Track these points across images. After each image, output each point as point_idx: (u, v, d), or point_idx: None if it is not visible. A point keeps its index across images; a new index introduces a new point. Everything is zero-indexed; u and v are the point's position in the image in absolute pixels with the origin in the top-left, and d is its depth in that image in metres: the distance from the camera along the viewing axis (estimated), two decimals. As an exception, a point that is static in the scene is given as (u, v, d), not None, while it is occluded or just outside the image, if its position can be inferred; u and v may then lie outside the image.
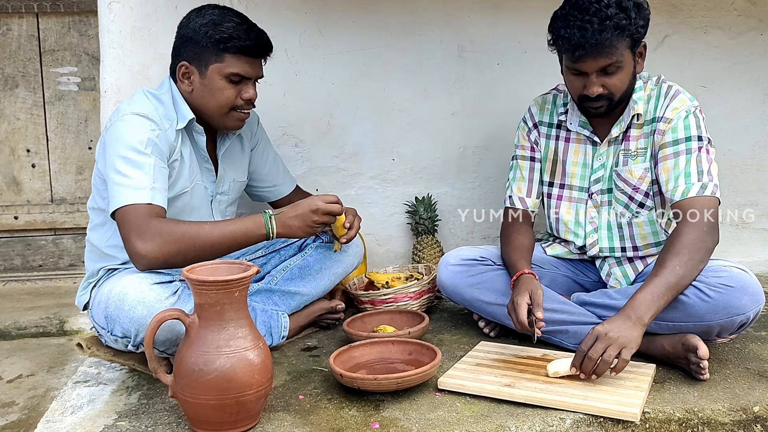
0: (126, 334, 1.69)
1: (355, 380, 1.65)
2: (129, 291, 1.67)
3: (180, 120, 1.87)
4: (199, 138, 1.93)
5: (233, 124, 1.94)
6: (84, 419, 1.62)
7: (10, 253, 3.55)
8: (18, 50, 3.42)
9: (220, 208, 2.06)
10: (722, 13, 2.80)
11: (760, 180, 2.96)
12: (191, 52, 1.86)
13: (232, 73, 1.85)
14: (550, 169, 2.13)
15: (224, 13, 1.86)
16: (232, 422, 1.49)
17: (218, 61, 1.84)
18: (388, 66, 2.63)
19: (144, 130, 1.77)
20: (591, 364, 1.64)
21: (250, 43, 1.85)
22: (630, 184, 2.00)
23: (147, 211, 1.70)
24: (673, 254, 1.75)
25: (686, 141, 1.90)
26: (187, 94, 1.90)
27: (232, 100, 1.88)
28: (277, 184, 2.26)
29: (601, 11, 1.78)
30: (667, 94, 1.95)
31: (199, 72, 1.86)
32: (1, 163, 3.48)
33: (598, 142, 2.03)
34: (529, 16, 2.64)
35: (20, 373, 2.44)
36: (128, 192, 1.71)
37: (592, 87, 1.86)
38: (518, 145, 2.19)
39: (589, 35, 1.77)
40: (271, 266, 2.21)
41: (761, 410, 1.64)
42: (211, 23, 1.83)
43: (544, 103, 2.15)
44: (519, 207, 2.16)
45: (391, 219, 2.72)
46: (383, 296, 2.24)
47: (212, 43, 1.82)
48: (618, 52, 1.81)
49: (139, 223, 1.68)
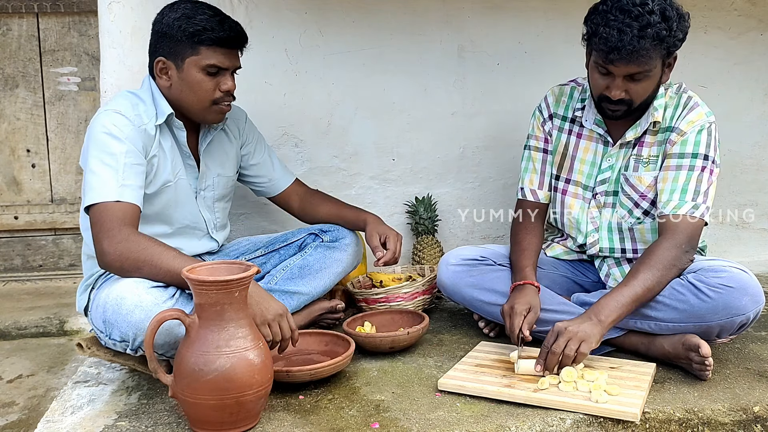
0: (124, 338, 1.69)
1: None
2: (126, 295, 1.67)
3: (159, 115, 1.89)
4: (180, 133, 1.94)
5: (214, 118, 1.95)
6: (84, 419, 1.62)
7: (11, 253, 3.55)
8: (18, 50, 3.42)
9: (206, 203, 2.07)
10: (722, 13, 2.80)
11: (760, 180, 2.96)
12: (167, 47, 1.87)
13: (208, 64, 1.86)
14: (559, 163, 2.12)
15: (196, 6, 1.88)
16: (232, 422, 1.49)
17: (194, 54, 1.85)
18: (388, 66, 2.63)
19: (117, 127, 1.79)
20: (555, 359, 1.69)
21: (224, 34, 1.86)
22: (638, 191, 1.98)
23: (118, 211, 1.72)
24: (647, 267, 1.80)
25: (692, 157, 1.89)
26: (165, 89, 1.91)
27: (210, 93, 1.89)
28: (273, 179, 2.26)
29: (644, 17, 1.73)
30: (686, 105, 1.92)
31: (176, 66, 1.87)
32: (1, 163, 3.48)
33: (610, 142, 2.01)
34: (529, 16, 2.64)
35: (20, 373, 2.44)
36: (97, 190, 1.73)
37: (615, 90, 1.82)
38: (532, 134, 2.17)
39: (627, 40, 1.73)
40: (271, 266, 2.21)
41: (761, 410, 1.64)
42: (184, 17, 1.84)
43: (561, 94, 2.12)
44: (531, 199, 2.15)
45: (391, 219, 2.71)
46: (375, 296, 2.25)
47: (186, 37, 1.84)
48: (651, 62, 1.77)
49: (111, 226, 1.70)
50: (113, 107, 1.83)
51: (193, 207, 2.02)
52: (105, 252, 1.70)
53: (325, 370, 1.72)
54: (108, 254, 1.69)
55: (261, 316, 1.69)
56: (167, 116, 1.89)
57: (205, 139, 2.03)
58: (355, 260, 2.26)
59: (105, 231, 1.70)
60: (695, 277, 1.80)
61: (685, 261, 1.84)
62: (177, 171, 1.95)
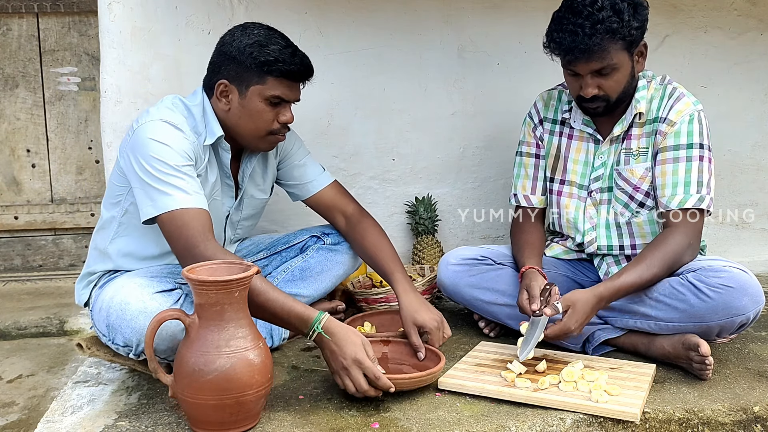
0: (128, 343, 1.69)
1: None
2: (131, 300, 1.67)
3: (209, 136, 1.85)
4: (225, 155, 1.91)
5: (267, 147, 1.93)
6: (84, 419, 1.62)
7: (10, 253, 3.54)
8: (18, 50, 3.42)
9: (232, 222, 2.06)
10: (722, 13, 2.80)
11: (760, 180, 2.96)
12: (233, 71, 1.82)
13: (273, 95, 1.82)
14: (552, 165, 2.13)
15: (270, 34, 1.83)
16: (232, 422, 1.50)
17: (260, 83, 1.81)
18: (388, 66, 2.63)
19: (175, 139, 1.74)
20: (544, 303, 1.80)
21: (295, 67, 1.82)
22: (631, 184, 2.00)
23: (199, 222, 1.67)
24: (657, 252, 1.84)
25: (687, 148, 1.90)
26: (222, 112, 1.86)
27: (269, 123, 1.85)
28: (305, 181, 2.16)
29: (593, 15, 1.78)
30: (672, 95, 1.95)
31: (239, 92, 1.83)
32: (1, 163, 3.48)
33: (600, 140, 2.03)
34: (529, 16, 2.64)
35: (20, 373, 2.44)
36: (171, 197, 1.68)
37: (586, 88, 1.88)
38: (523, 141, 2.19)
39: (579, 39, 1.78)
40: (272, 267, 2.21)
41: (761, 410, 1.64)
42: (257, 44, 1.79)
43: (549, 99, 2.15)
44: (524, 204, 2.17)
45: (391, 219, 2.71)
46: (375, 296, 2.25)
47: (256, 65, 1.79)
48: (609, 56, 1.82)
49: (197, 241, 1.63)
50: (166, 117, 1.77)
51: (219, 226, 2.00)
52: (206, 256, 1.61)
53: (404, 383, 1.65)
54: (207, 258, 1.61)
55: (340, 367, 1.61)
56: (216, 138, 1.85)
57: (249, 165, 2.00)
58: (356, 263, 2.26)
59: (193, 246, 1.63)
60: (695, 277, 1.81)
61: (689, 256, 1.87)
62: (214, 192, 1.92)
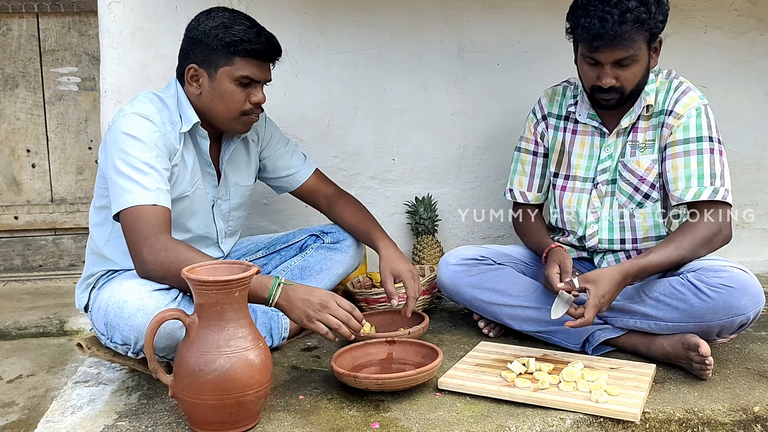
0: (126, 341, 1.68)
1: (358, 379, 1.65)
2: (128, 299, 1.67)
3: (184, 123, 1.86)
4: (203, 142, 1.92)
5: (241, 128, 1.93)
6: (84, 419, 1.62)
7: (10, 253, 3.55)
8: (18, 50, 3.42)
9: (221, 213, 2.05)
10: (722, 13, 2.80)
11: (760, 180, 2.96)
12: (200, 54, 1.84)
13: (242, 76, 1.83)
14: (557, 160, 2.14)
15: (234, 16, 1.85)
16: (233, 422, 1.49)
17: (228, 64, 1.83)
18: (388, 66, 2.63)
19: (146, 131, 1.76)
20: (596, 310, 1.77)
21: (261, 46, 1.84)
22: (636, 175, 2.00)
23: (154, 216, 1.69)
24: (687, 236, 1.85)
25: (698, 141, 1.91)
26: (194, 97, 1.88)
27: (241, 104, 1.87)
28: (292, 172, 2.20)
29: (622, 3, 1.79)
30: (678, 88, 1.97)
31: (208, 75, 1.85)
32: (1, 163, 3.48)
33: (606, 133, 2.04)
34: (529, 16, 2.64)
35: (20, 373, 2.44)
36: (131, 194, 1.70)
37: (605, 78, 1.88)
38: (523, 137, 2.21)
39: (609, 26, 1.79)
40: (271, 267, 2.21)
41: (761, 410, 1.64)
42: (222, 26, 1.81)
43: (554, 94, 2.16)
44: (521, 201, 2.21)
45: (391, 219, 2.72)
46: (375, 296, 2.25)
47: (222, 46, 1.81)
48: (636, 46, 1.83)
49: (149, 233, 1.67)
50: (139, 110, 1.79)
51: (208, 216, 2.01)
52: (146, 261, 1.67)
53: (394, 382, 1.65)
54: (150, 263, 1.67)
55: (305, 315, 1.66)
56: (193, 125, 1.86)
57: (228, 150, 2.01)
58: (355, 262, 2.26)
59: (143, 239, 1.67)
60: (695, 277, 1.81)
61: (721, 241, 1.88)
62: (195, 180, 1.92)
